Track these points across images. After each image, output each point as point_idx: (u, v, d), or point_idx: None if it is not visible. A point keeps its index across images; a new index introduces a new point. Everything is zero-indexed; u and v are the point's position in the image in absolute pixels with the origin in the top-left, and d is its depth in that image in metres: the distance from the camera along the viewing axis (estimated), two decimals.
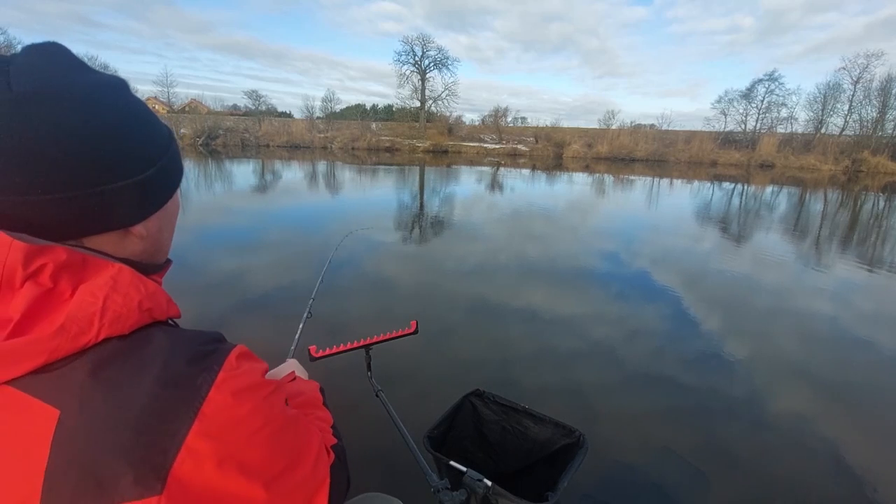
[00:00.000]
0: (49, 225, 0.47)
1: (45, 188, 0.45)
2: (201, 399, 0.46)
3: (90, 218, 0.49)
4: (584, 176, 18.88)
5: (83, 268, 0.48)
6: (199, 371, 0.48)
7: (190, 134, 26.86)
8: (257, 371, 0.54)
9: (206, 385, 0.47)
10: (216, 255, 5.34)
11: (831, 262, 6.40)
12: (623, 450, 2.26)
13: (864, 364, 3.35)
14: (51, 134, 0.45)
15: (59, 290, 0.46)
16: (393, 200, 10.58)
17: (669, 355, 3.30)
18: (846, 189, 17.33)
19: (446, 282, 4.67)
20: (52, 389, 0.44)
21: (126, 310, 0.48)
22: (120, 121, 0.50)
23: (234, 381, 0.50)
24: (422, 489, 1.08)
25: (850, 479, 2.16)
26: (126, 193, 0.51)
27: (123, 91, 0.53)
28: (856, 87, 30.68)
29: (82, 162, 0.47)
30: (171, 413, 0.45)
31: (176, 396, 0.46)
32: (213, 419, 0.46)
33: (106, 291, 0.47)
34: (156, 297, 0.52)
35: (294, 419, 0.57)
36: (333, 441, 0.70)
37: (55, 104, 0.45)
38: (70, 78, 0.48)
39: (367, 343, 1.35)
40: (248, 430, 0.49)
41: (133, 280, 0.50)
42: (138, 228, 0.54)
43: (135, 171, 0.52)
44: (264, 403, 0.52)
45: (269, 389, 0.53)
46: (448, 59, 38.42)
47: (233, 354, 0.52)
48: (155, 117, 0.57)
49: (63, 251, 0.47)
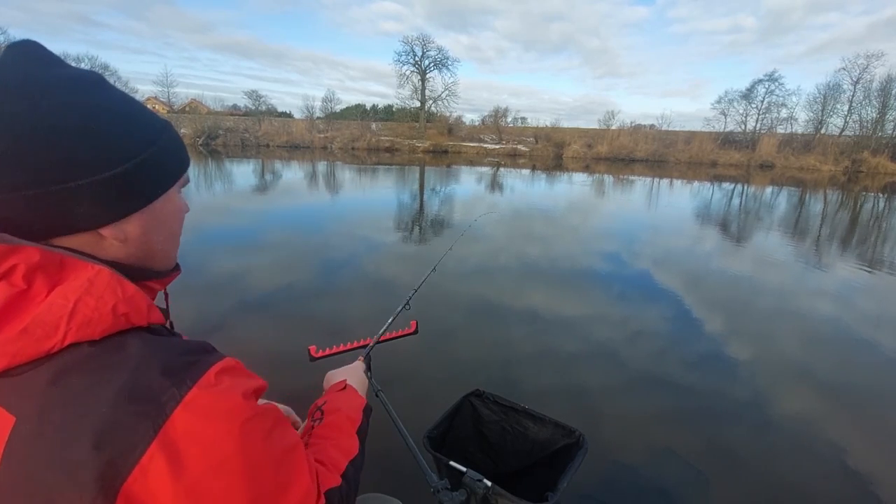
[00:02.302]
0: (19, 224, 0.45)
1: (7, 186, 0.44)
2: (164, 417, 0.42)
3: (53, 218, 0.47)
4: (584, 176, 18.87)
5: (60, 269, 0.46)
6: (168, 385, 0.44)
7: (190, 134, 26.85)
8: (236, 391, 0.48)
9: (173, 402, 0.43)
10: (216, 256, 5.33)
11: (832, 263, 6.40)
12: (624, 451, 2.25)
13: (866, 365, 3.34)
14: (10, 130, 0.43)
15: (33, 291, 0.44)
16: (393, 200, 10.58)
17: (670, 356, 3.30)
18: (846, 189, 17.33)
19: (447, 282, 4.67)
20: (12, 395, 0.42)
21: (98, 314, 0.45)
22: (81, 117, 0.47)
23: (207, 399, 0.45)
24: (421, 489, 1.08)
25: (854, 480, 2.15)
26: (85, 192, 0.47)
27: (93, 86, 0.49)
28: (856, 88, 30.72)
29: (42, 158, 0.44)
30: (129, 428, 0.41)
31: (138, 411, 0.42)
32: (175, 441, 0.42)
33: (79, 294, 0.45)
34: (134, 301, 0.49)
35: (281, 452, 0.50)
36: (333, 483, 0.60)
37: (12, 100, 0.44)
38: (33, 74, 0.46)
39: (367, 343, 1.35)
40: (215, 459, 0.44)
41: (110, 283, 0.47)
42: (111, 231, 0.50)
43: (99, 168, 0.47)
44: (238, 430, 0.46)
45: (247, 414, 0.47)
46: (448, 60, 38.41)
47: (213, 369, 0.48)
48: (139, 112, 0.53)
49: (36, 252, 0.45)
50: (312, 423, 0.75)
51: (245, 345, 3.14)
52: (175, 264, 0.63)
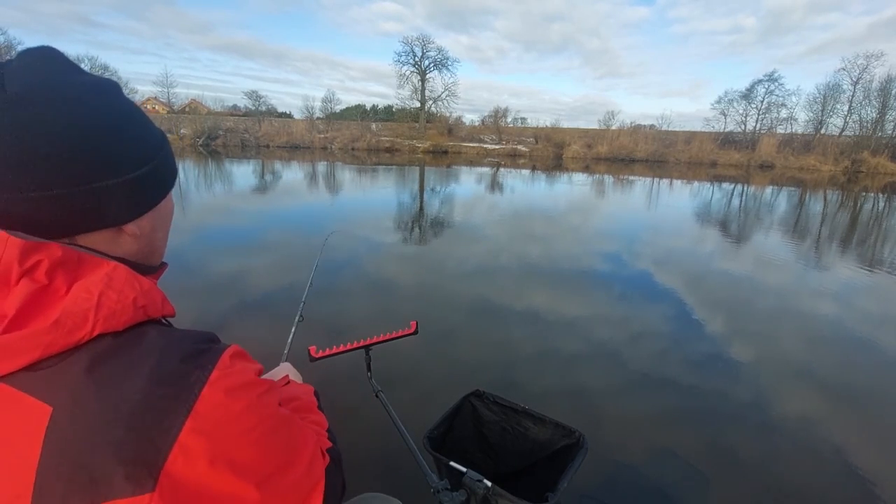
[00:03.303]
0: (44, 222, 0.48)
1: (39, 186, 0.46)
2: (195, 396, 0.46)
3: (83, 215, 0.50)
4: (584, 176, 18.87)
5: (79, 265, 0.49)
6: (192, 369, 0.48)
7: (190, 134, 26.88)
8: (251, 370, 0.54)
9: (200, 383, 0.47)
10: (213, 256, 5.34)
11: (832, 263, 6.40)
12: (625, 451, 2.25)
13: (867, 365, 3.34)
14: (43, 132, 0.46)
15: (54, 286, 0.47)
16: (393, 201, 10.58)
17: (672, 357, 3.29)
18: (846, 189, 17.33)
19: (447, 282, 4.67)
20: (46, 386, 0.44)
21: (121, 306, 0.48)
22: (111, 120, 0.51)
23: (228, 379, 0.50)
24: (422, 490, 1.08)
25: (857, 481, 2.15)
26: (118, 191, 0.51)
27: (115, 92, 0.54)
28: (855, 88, 30.70)
29: (74, 160, 0.47)
30: (164, 410, 0.45)
31: (169, 394, 0.46)
32: (206, 417, 0.46)
33: (101, 288, 0.48)
34: (151, 295, 0.53)
35: (288, 419, 0.57)
36: (329, 445, 0.69)
37: (47, 104, 0.46)
38: (62, 79, 0.49)
39: (367, 343, 1.35)
40: (241, 429, 0.49)
41: (128, 277, 0.51)
42: (131, 227, 0.55)
43: (127, 169, 0.52)
44: (258, 402, 0.51)
45: (262, 388, 0.53)
46: (448, 60, 38.47)
47: (227, 353, 0.52)
48: (147, 119, 0.58)
49: (58, 248, 0.47)
50: None
51: (245, 345, 3.09)
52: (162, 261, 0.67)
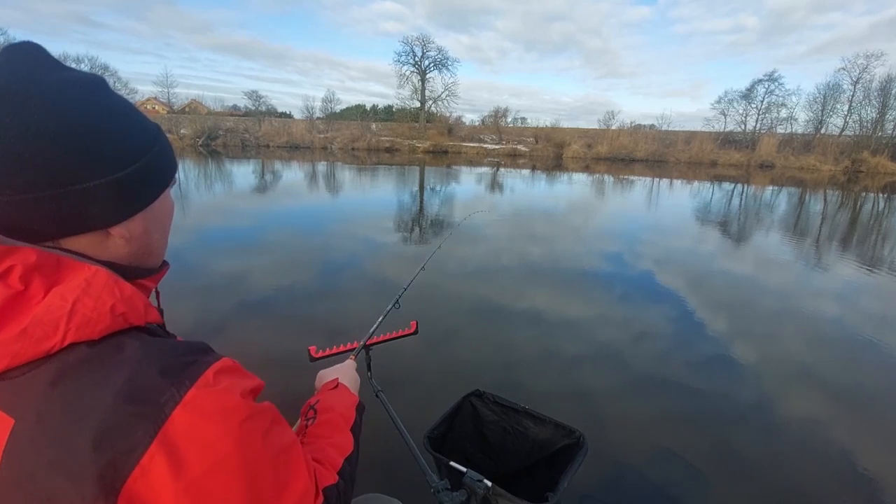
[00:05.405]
0: (25, 226, 0.46)
1: (14, 188, 0.44)
2: (164, 417, 0.43)
3: (63, 219, 0.47)
4: (584, 176, 18.87)
5: (57, 270, 0.46)
6: (167, 385, 0.44)
7: (190, 134, 26.86)
8: (236, 391, 0.48)
9: (173, 402, 0.44)
10: (216, 257, 5.33)
11: (833, 263, 6.39)
12: (625, 452, 2.25)
13: (870, 365, 3.33)
14: (19, 132, 0.43)
15: (30, 292, 0.44)
16: (392, 201, 10.58)
17: (674, 358, 3.29)
18: (846, 189, 17.32)
19: (447, 283, 4.67)
20: (11, 397, 0.42)
21: (96, 314, 0.45)
22: (92, 118, 0.47)
23: (206, 400, 0.45)
24: (422, 490, 1.08)
25: (862, 483, 2.15)
26: (101, 192, 0.48)
27: (99, 88, 0.50)
28: (855, 88, 30.68)
29: (52, 160, 0.44)
30: (129, 429, 0.41)
31: (137, 412, 0.42)
32: (174, 441, 0.42)
33: (77, 294, 0.45)
34: (132, 301, 0.50)
35: (276, 452, 0.50)
36: (331, 480, 0.61)
37: (23, 102, 0.44)
38: (39, 76, 0.46)
39: (368, 343, 1.34)
40: (215, 458, 0.44)
41: (108, 283, 0.48)
42: (119, 230, 0.51)
43: (111, 169, 0.48)
44: (237, 429, 0.46)
45: (245, 413, 0.48)
46: (448, 60, 38.50)
47: (212, 369, 0.48)
48: (138, 115, 0.54)
49: (33, 252, 0.45)
50: (306, 423, 0.75)
51: (245, 345, 3.14)
52: (163, 261, 0.64)
